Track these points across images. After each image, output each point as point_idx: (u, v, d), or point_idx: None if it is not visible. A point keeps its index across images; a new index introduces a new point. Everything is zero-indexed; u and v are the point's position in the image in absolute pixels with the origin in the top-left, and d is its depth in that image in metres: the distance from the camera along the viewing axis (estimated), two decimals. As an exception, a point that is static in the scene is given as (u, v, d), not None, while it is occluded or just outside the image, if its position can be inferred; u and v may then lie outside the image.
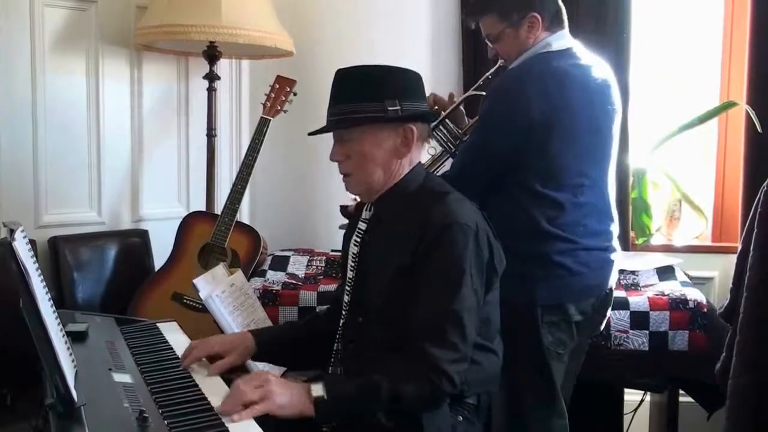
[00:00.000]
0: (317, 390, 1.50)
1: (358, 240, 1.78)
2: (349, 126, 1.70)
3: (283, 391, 1.48)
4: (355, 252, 1.78)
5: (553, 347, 2.05)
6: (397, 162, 1.72)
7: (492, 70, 2.27)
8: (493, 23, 2.11)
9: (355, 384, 1.56)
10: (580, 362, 2.21)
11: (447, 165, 2.31)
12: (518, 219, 2.03)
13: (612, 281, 2.16)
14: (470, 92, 2.36)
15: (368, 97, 1.67)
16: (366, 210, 1.81)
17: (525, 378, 2.06)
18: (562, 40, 2.11)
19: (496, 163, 2.05)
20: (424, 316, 1.59)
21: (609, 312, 2.24)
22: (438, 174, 2.25)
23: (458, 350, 1.57)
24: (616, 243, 2.17)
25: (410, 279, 1.63)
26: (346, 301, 1.79)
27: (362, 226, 1.79)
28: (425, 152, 2.29)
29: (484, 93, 2.25)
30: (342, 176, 1.76)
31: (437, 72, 3.25)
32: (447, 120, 2.26)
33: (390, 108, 1.66)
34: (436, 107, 2.29)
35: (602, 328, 2.29)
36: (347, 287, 1.80)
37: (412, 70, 1.75)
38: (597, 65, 2.12)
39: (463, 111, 2.33)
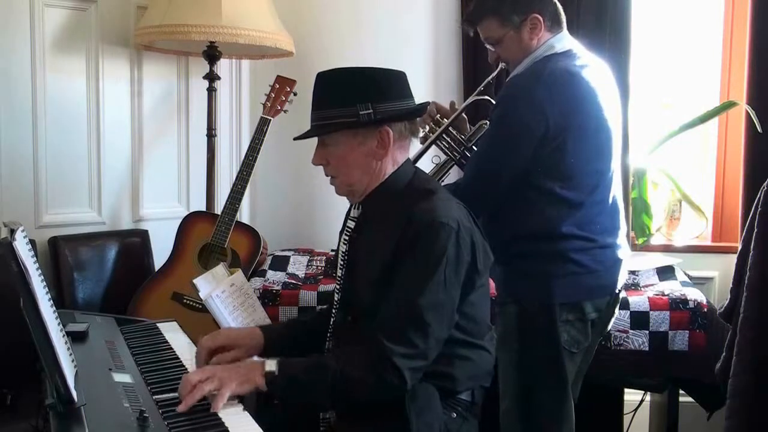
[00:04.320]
0: (271, 365, 1.56)
1: (347, 238, 1.79)
2: (322, 133, 1.72)
3: (233, 374, 1.54)
4: (344, 250, 1.80)
5: (568, 346, 2.05)
6: (376, 163, 1.73)
7: (493, 75, 2.26)
8: (493, 27, 2.10)
9: (306, 363, 1.60)
10: (588, 362, 2.22)
11: (452, 173, 2.30)
12: (535, 221, 2.03)
13: (622, 280, 2.16)
14: (472, 98, 2.34)
15: (340, 103, 1.68)
16: (354, 209, 1.82)
17: (538, 376, 2.06)
18: (564, 41, 2.11)
19: (513, 168, 2.04)
20: (388, 309, 1.61)
21: (617, 311, 2.24)
22: (447, 183, 2.24)
23: (415, 346, 1.58)
24: (624, 240, 2.17)
25: (392, 275, 1.64)
26: (336, 299, 1.81)
27: (351, 224, 1.81)
28: (429, 159, 2.30)
29: (486, 98, 2.25)
30: (329, 179, 1.79)
31: (437, 75, 3.25)
32: (450, 128, 2.25)
33: (362, 112, 1.67)
34: (438, 116, 2.28)
35: (609, 327, 2.29)
36: (337, 285, 1.82)
37: (393, 70, 1.75)
38: (596, 64, 2.13)
39: (466, 118, 2.32)
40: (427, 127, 2.27)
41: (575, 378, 2.14)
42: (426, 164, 2.32)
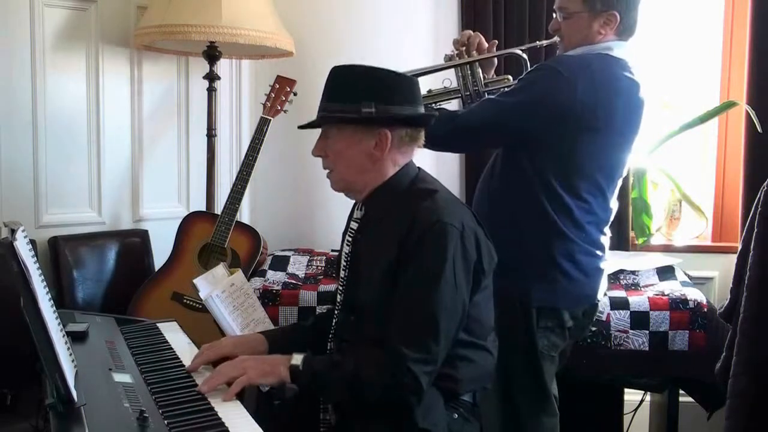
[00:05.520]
0: (296, 359, 1.63)
1: (350, 239, 1.79)
2: (326, 123, 1.73)
3: (259, 365, 1.62)
4: (347, 251, 1.80)
5: (546, 350, 2.08)
6: (373, 164, 1.72)
7: (546, 42, 2.26)
8: (573, 0, 2.09)
9: (328, 361, 1.67)
10: (562, 364, 2.23)
11: (452, 105, 2.32)
12: (532, 207, 2.04)
13: (602, 291, 2.18)
14: (515, 49, 2.34)
15: (347, 98, 1.69)
16: (357, 210, 1.82)
17: (518, 379, 2.08)
18: (623, 49, 2.11)
19: (517, 135, 2.05)
20: (400, 313, 1.61)
21: (605, 315, 2.26)
22: (445, 107, 2.24)
23: (429, 350, 1.59)
24: (607, 255, 2.19)
25: (396, 277, 1.64)
26: (339, 300, 1.81)
27: (354, 225, 1.81)
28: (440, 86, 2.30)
29: (524, 56, 2.26)
30: (326, 173, 1.79)
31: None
32: (477, 63, 2.25)
33: (365, 110, 1.67)
34: (474, 49, 2.26)
35: (586, 332, 2.32)
36: (340, 286, 1.82)
37: (406, 75, 1.76)
38: (643, 85, 2.12)
39: (496, 63, 2.33)
40: (457, 51, 2.27)
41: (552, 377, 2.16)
42: (435, 82, 2.34)
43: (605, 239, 2.16)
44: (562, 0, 2.13)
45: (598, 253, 2.13)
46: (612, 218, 2.18)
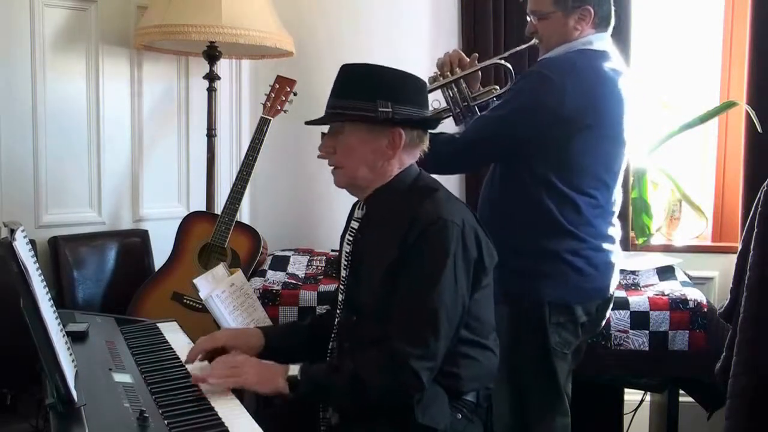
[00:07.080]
0: (293, 370, 1.61)
1: (351, 239, 1.80)
2: (339, 121, 1.73)
3: (255, 371, 1.60)
4: (348, 251, 1.80)
5: (559, 347, 2.07)
6: (382, 162, 1.73)
7: (524, 46, 2.25)
8: (545, 2, 2.10)
9: (326, 368, 1.67)
10: (577, 361, 2.23)
11: (444, 124, 2.31)
12: (535, 209, 2.04)
13: (614, 284, 2.17)
14: (495, 59, 2.35)
15: (362, 96, 1.69)
16: (358, 209, 1.82)
17: (530, 377, 2.08)
18: (603, 41, 2.11)
19: (514, 145, 2.05)
20: (399, 311, 1.62)
21: (608, 313, 2.25)
22: (444, 132, 2.25)
23: (428, 347, 1.59)
24: (617, 246, 2.19)
25: (398, 275, 1.64)
26: (341, 300, 1.81)
27: (355, 225, 1.81)
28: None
29: (507, 64, 2.26)
30: (332, 169, 1.79)
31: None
32: (461, 80, 2.25)
33: (381, 109, 1.67)
34: (457, 66, 2.26)
35: (601, 328, 2.30)
36: (341, 286, 1.82)
37: (417, 77, 1.76)
38: (627, 74, 2.12)
39: (480, 76, 2.32)
40: (439, 71, 2.27)
41: (566, 375, 2.15)
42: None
43: (614, 230, 2.16)
44: (533, 3, 2.14)
45: (608, 246, 2.12)
46: (618, 208, 2.18)
